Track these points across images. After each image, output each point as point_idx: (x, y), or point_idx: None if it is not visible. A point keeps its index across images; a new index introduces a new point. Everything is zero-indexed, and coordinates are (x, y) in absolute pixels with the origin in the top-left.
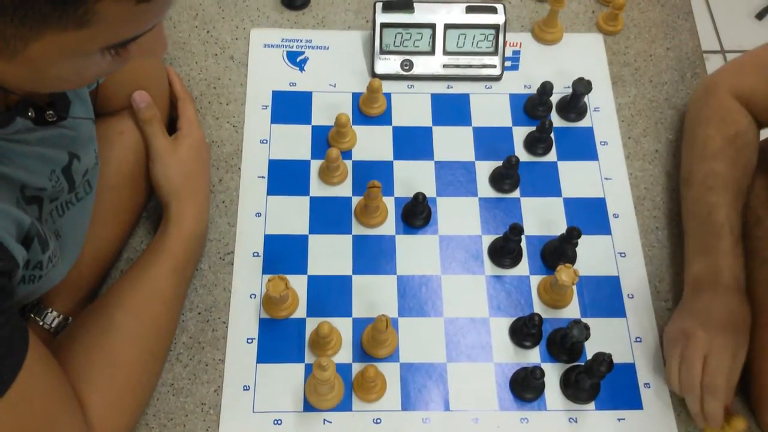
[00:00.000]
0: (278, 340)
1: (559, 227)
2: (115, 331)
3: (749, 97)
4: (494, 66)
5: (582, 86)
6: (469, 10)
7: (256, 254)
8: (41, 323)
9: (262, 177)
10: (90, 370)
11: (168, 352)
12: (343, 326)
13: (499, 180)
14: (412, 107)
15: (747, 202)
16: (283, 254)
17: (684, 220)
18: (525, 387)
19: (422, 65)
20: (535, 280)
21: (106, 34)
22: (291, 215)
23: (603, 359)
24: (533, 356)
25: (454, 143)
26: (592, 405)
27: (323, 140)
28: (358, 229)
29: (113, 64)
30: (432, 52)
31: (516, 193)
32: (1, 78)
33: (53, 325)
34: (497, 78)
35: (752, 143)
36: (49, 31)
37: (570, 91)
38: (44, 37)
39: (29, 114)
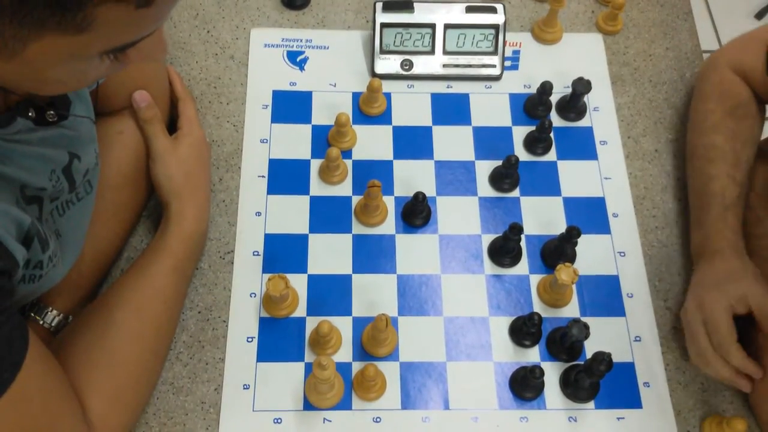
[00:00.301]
0: (278, 339)
1: (559, 227)
2: (116, 330)
3: (749, 74)
4: (494, 66)
5: (581, 86)
6: (469, 9)
7: (256, 253)
8: (41, 322)
9: (262, 176)
10: (90, 369)
11: (168, 351)
12: (343, 325)
13: (498, 179)
14: (412, 107)
15: (747, 202)
16: (283, 253)
17: (688, 196)
18: (524, 386)
19: (422, 65)
20: (535, 280)
21: (106, 39)
22: (291, 214)
23: (602, 358)
24: (533, 355)
25: (453, 143)
26: (591, 404)
27: (323, 140)
28: (358, 228)
29: (112, 67)
30: (432, 51)
31: (516, 193)
32: (0, 78)
33: (53, 324)
34: (497, 78)
35: (754, 115)
36: (48, 34)
37: (569, 90)
38: (43, 40)
39: (30, 114)
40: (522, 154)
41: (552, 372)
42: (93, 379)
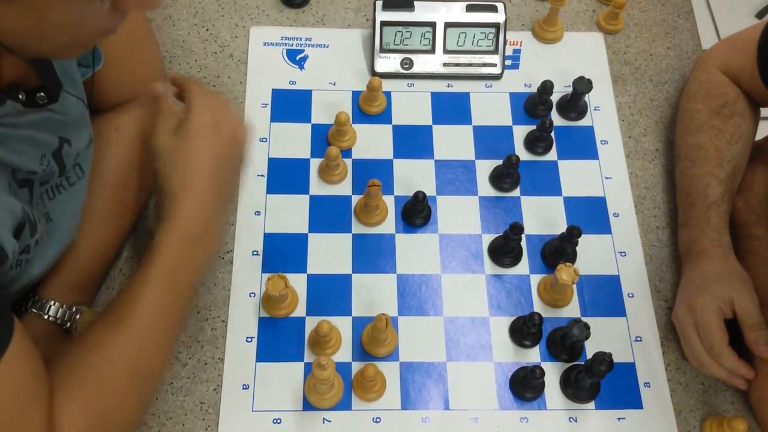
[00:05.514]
0: (278, 339)
1: (560, 226)
2: (104, 351)
3: (737, 75)
4: (494, 65)
5: (582, 85)
6: (470, 8)
7: (255, 253)
8: (46, 317)
9: (262, 175)
10: (72, 387)
11: (162, 374)
12: (343, 325)
13: (499, 179)
14: (412, 106)
15: (747, 201)
16: (282, 253)
17: (676, 197)
18: (525, 386)
19: (422, 64)
20: (535, 279)
21: None
22: (290, 214)
23: (603, 358)
24: (533, 355)
25: (454, 142)
26: (592, 404)
27: (323, 139)
28: (357, 227)
29: (111, 17)
30: (432, 50)
31: (516, 192)
32: (1, 30)
33: (58, 316)
34: (497, 77)
35: (741, 113)
36: None
37: (570, 90)
38: None
39: (20, 97)
40: (522, 154)
41: (552, 372)
42: (73, 397)
